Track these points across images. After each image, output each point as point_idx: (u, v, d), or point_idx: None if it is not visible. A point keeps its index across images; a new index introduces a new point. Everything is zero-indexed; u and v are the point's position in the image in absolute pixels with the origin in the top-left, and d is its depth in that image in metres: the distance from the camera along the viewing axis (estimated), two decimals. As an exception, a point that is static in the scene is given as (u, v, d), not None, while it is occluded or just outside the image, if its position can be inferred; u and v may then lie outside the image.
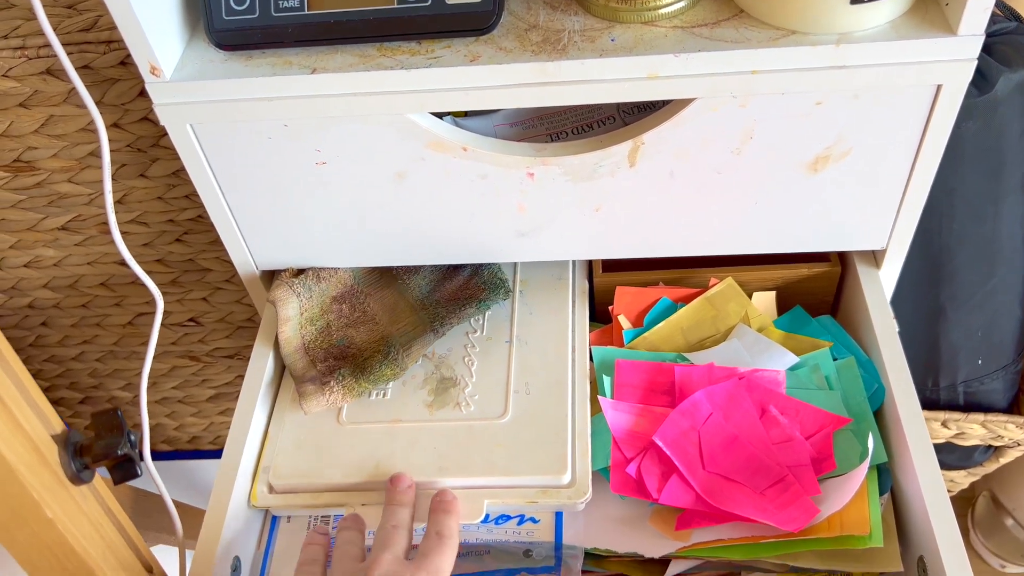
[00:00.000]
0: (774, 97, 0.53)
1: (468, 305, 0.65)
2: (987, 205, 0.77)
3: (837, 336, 0.64)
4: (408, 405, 0.62)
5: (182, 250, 0.84)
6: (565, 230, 0.63)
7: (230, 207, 0.62)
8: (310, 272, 0.66)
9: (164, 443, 1.14)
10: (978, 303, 0.84)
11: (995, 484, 1.17)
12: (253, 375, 0.64)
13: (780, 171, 0.58)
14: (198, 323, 0.93)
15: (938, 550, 0.50)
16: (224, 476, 0.59)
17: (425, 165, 0.58)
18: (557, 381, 0.62)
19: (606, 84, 0.52)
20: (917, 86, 0.52)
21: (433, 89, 0.53)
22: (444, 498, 0.55)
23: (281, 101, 0.54)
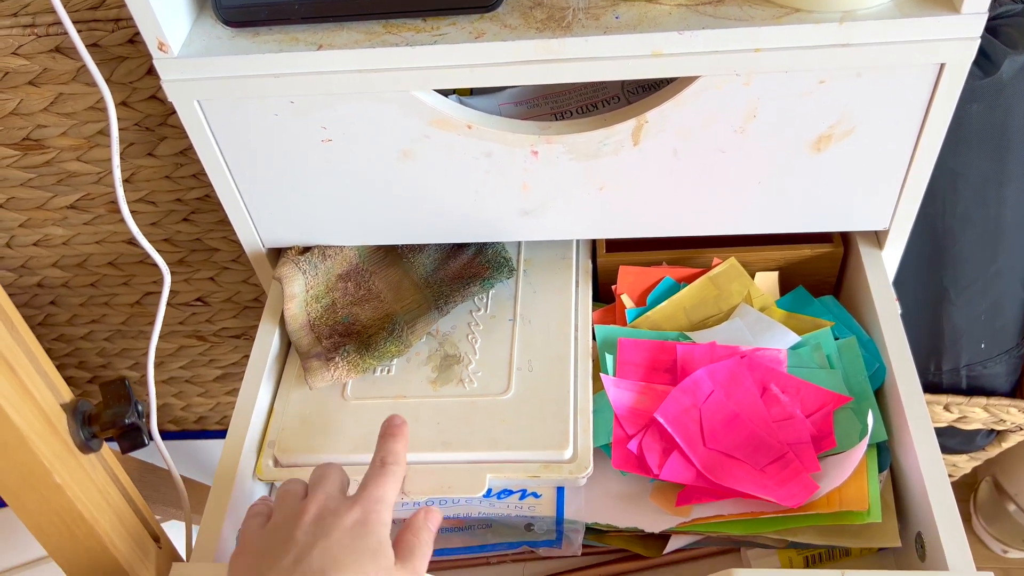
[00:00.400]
0: (777, 75, 0.53)
1: (472, 284, 0.66)
2: (991, 188, 0.77)
3: (839, 316, 0.64)
4: (412, 381, 0.63)
5: (189, 229, 0.84)
6: (569, 209, 0.63)
7: (237, 184, 0.63)
8: (316, 250, 0.67)
9: (171, 423, 1.15)
10: (981, 287, 0.84)
11: (997, 469, 1.17)
12: (259, 351, 0.65)
13: (783, 150, 0.58)
14: (205, 303, 0.94)
15: (936, 526, 0.51)
16: (230, 450, 0.60)
17: (430, 143, 0.59)
18: (560, 358, 0.63)
19: (610, 61, 0.52)
20: (920, 64, 0.52)
21: (438, 66, 0.53)
22: (392, 422, 0.53)
23: (287, 78, 0.55)
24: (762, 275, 0.67)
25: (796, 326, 0.63)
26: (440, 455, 0.58)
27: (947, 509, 0.51)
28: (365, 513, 0.47)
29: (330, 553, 0.44)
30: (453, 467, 0.58)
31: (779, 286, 0.68)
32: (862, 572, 0.48)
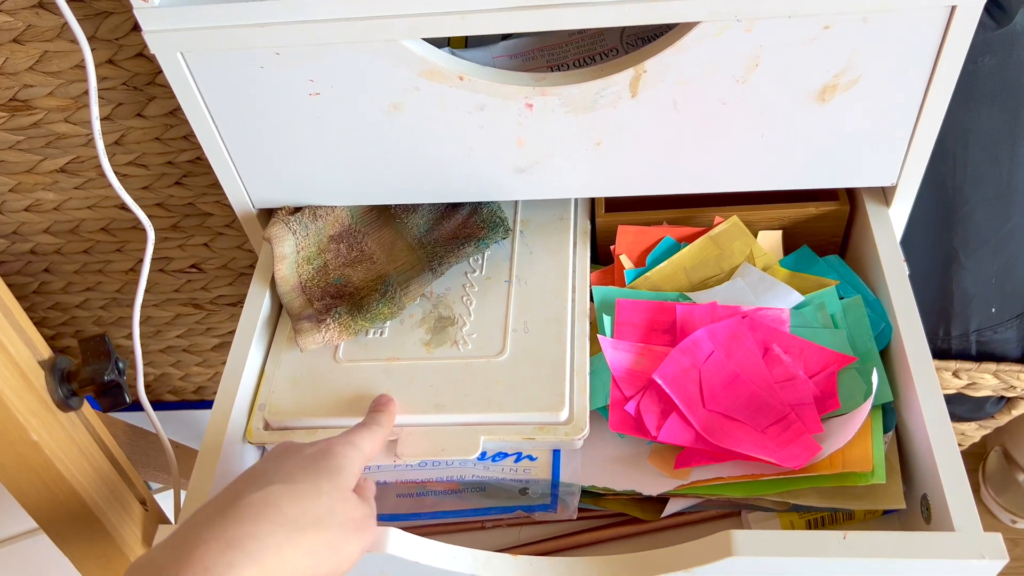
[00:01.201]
0: (780, 21, 0.51)
1: (467, 244, 0.64)
2: (1004, 146, 0.75)
3: (844, 275, 0.62)
4: (405, 343, 0.61)
5: (182, 193, 0.83)
6: (565, 166, 0.61)
7: (224, 142, 0.61)
8: (307, 210, 0.65)
9: (170, 393, 1.15)
10: (993, 249, 0.82)
11: (1007, 439, 1.15)
12: (249, 313, 0.64)
13: (787, 102, 0.56)
14: (200, 270, 0.93)
15: (942, 487, 0.49)
16: (219, 413, 0.59)
17: (420, 95, 0.57)
18: (556, 320, 0.61)
19: (607, 7, 0.50)
20: (930, 7, 0.50)
21: (427, 13, 0.52)
22: (380, 400, 0.56)
23: (273, 27, 0.53)
24: (765, 234, 0.65)
25: (800, 286, 0.61)
26: (433, 417, 0.57)
27: (954, 470, 0.49)
28: (330, 445, 0.46)
29: (284, 469, 0.42)
30: (447, 429, 0.57)
31: (784, 246, 0.66)
32: (864, 532, 0.46)
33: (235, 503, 0.39)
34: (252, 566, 0.37)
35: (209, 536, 0.37)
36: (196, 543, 0.37)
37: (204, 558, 0.36)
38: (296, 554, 0.39)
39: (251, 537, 0.38)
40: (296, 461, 0.44)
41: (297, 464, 0.43)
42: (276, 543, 0.38)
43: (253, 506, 0.39)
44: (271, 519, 0.39)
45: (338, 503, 0.43)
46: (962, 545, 0.46)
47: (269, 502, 0.39)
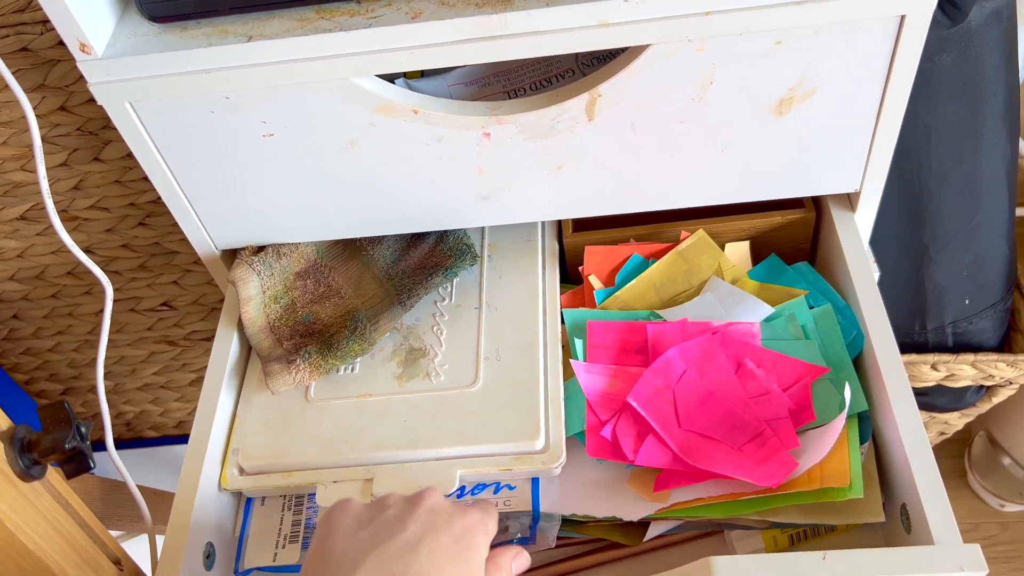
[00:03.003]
0: (732, 39, 0.51)
1: (435, 274, 0.63)
2: (966, 141, 0.75)
3: (814, 283, 0.62)
4: (377, 378, 0.61)
5: (147, 233, 0.82)
6: (528, 191, 0.61)
7: (181, 187, 0.61)
8: (270, 249, 0.65)
9: (151, 429, 1.14)
10: (962, 242, 0.82)
11: (991, 423, 1.16)
12: (217, 358, 0.63)
13: (744, 116, 0.55)
14: (171, 307, 0.92)
15: (919, 499, 0.49)
16: (192, 460, 0.58)
17: (376, 131, 0.56)
18: (528, 345, 0.61)
19: (555, 35, 0.50)
20: (879, 18, 0.50)
21: (375, 50, 0.51)
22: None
23: (220, 72, 0.52)
24: (732, 246, 0.65)
25: (769, 296, 0.61)
26: (408, 453, 0.56)
27: (930, 480, 0.49)
28: (472, 525, 0.45)
29: (437, 556, 0.43)
30: (422, 465, 0.56)
31: (752, 256, 0.66)
32: (843, 552, 0.46)
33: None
34: None
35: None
36: None
37: None
38: None
39: None
40: (446, 543, 0.44)
41: (448, 550, 0.43)
42: None
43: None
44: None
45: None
46: (941, 559, 0.46)
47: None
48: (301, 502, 0.60)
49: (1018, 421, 1.10)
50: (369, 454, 0.56)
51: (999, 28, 0.69)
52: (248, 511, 0.61)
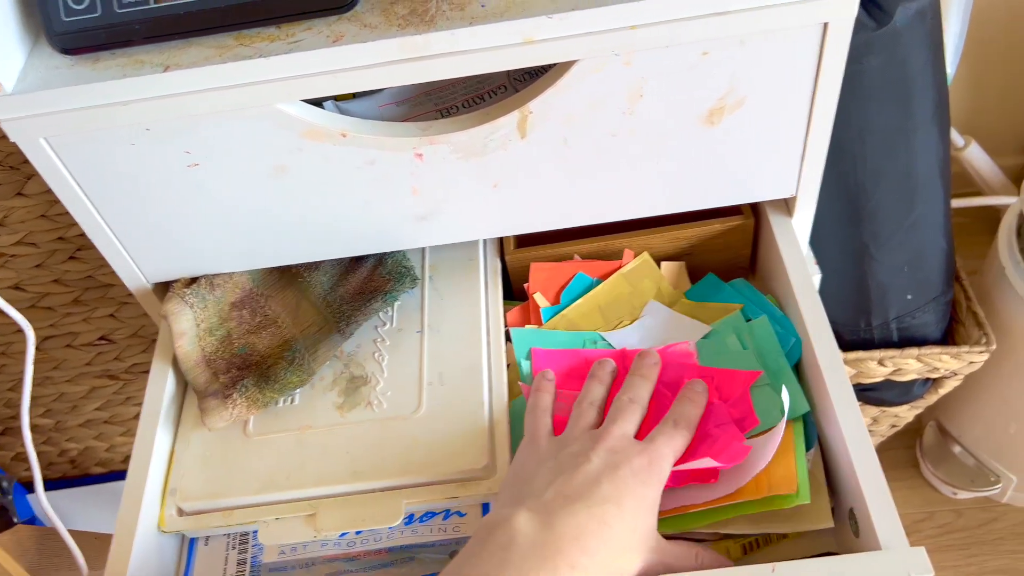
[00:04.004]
0: (658, 51, 0.50)
1: (374, 299, 0.62)
2: (899, 140, 0.76)
3: (750, 297, 0.62)
4: (317, 409, 0.59)
5: (78, 267, 0.79)
6: (465, 210, 0.60)
7: (106, 221, 0.59)
8: (203, 280, 0.63)
9: (98, 465, 1.10)
10: (901, 239, 0.83)
11: (940, 413, 1.17)
12: (153, 395, 0.61)
13: (676, 128, 0.55)
14: (110, 341, 0.89)
15: (866, 504, 0.49)
16: (129, 503, 0.56)
17: (304, 156, 0.55)
18: (472, 367, 0.60)
19: (479, 54, 0.49)
20: (803, 26, 0.50)
21: (298, 75, 0.50)
22: (693, 387, 0.55)
23: (137, 104, 0.51)
24: (667, 265, 0.65)
25: (707, 315, 0.61)
26: (352, 486, 0.55)
27: (876, 484, 0.49)
28: (651, 462, 0.49)
29: (616, 488, 0.47)
30: (367, 497, 0.55)
31: (693, 268, 0.66)
32: (792, 563, 0.46)
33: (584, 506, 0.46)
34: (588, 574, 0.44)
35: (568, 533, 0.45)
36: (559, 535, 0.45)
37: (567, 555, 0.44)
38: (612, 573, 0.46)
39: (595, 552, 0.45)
40: (625, 476, 0.48)
41: (627, 483, 0.48)
42: (604, 562, 0.45)
43: (595, 521, 0.46)
44: (606, 540, 0.46)
45: (648, 539, 0.48)
46: (888, 564, 0.46)
47: (606, 522, 0.46)
48: (246, 540, 0.59)
49: (966, 410, 1.12)
50: (311, 489, 0.55)
51: (924, 28, 0.70)
52: (192, 552, 0.59)
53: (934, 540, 1.16)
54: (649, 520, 0.48)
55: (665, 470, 0.50)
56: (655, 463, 0.49)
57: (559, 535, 0.45)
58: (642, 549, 0.47)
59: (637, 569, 0.47)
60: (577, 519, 0.46)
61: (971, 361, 0.91)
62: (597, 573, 0.45)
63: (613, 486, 0.47)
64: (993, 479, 1.13)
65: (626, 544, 0.47)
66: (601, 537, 0.46)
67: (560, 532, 0.45)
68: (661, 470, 0.50)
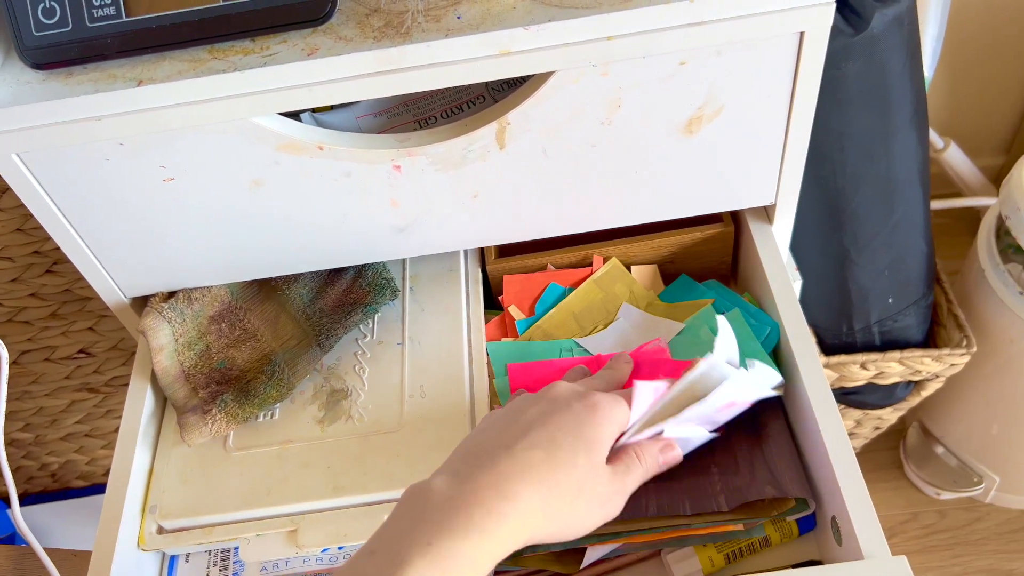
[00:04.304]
0: (635, 62, 0.50)
1: (354, 312, 0.62)
2: (878, 144, 0.76)
3: (722, 295, 0.62)
4: (298, 423, 0.59)
5: (56, 281, 0.79)
6: (444, 221, 0.60)
7: (81, 236, 0.58)
8: (180, 294, 0.62)
9: (79, 479, 1.09)
10: (881, 242, 0.83)
11: (923, 414, 1.18)
12: (132, 411, 0.60)
13: (655, 137, 0.55)
14: (89, 354, 0.88)
15: (847, 512, 0.49)
16: (108, 521, 0.56)
17: (281, 169, 0.54)
18: (453, 379, 0.59)
19: (456, 66, 0.49)
20: (779, 35, 0.50)
21: (272, 89, 0.49)
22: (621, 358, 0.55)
23: (111, 119, 0.50)
24: (639, 269, 0.65)
25: (680, 314, 0.61)
26: (333, 501, 0.55)
27: (857, 493, 0.49)
28: (594, 405, 0.47)
29: (548, 433, 0.45)
30: (349, 512, 0.55)
31: (676, 273, 0.66)
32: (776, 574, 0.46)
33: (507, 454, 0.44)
34: (516, 519, 0.42)
35: (484, 482, 0.43)
36: (475, 486, 0.43)
37: (484, 502, 0.42)
38: (544, 517, 0.44)
39: (517, 497, 0.43)
40: (562, 420, 0.46)
41: (561, 426, 0.46)
42: (532, 507, 0.43)
43: (519, 465, 0.44)
44: (533, 482, 0.43)
45: (590, 478, 0.46)
46: (871, 574, 0.46)
47: (532, 464, 0.44)
48: (228, 556, 0.58)
49: (948, 412, 1.12)
50: (292, 504, 0.55)
51: (901, 33, 0.70)
52: (172, 570, 0.58)
53: (919, 541, 1.16)
54: (591, 459, 0.46)
55: (613, 411, 0.48)
56: (600, 405, 0.47)
57: (476, 486, 0.43)
58: (589, 491, 0.45)
59: (586, 510, 0.46)
60: (497, 467, 0.44)
61: (952, 363, 0.92)
62: (526, 516, 0.43)
63: (544, 430, 0.45)
64: (976, 479, 1.14)
65: (562, 486, 0.44)
66: (526, 480, 0.43)
67: (477, 482, 0.43)
68: (608, 410, 0.47)
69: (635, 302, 0.62)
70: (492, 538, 0.42)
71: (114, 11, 0.49)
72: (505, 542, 0.42)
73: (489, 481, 0.43)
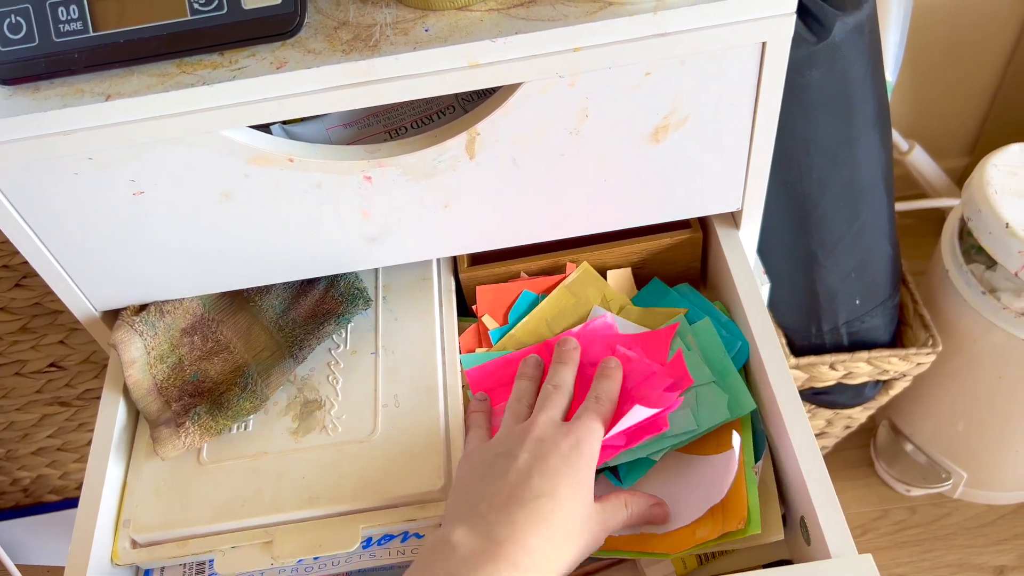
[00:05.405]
0: (601, 72, 0.51)
1: (327, 322, 0.62)
2: (842, 149, 0.78)
3: (695, 302, 0.63)
4: (272, 435, 0.59)
5: (25, 295, 0.78)
6: (416, 230, 0.60)
7: (50, 251, 0.58)
8: (152, 307, 0.62)
9: (51, 493, 1.08)
10: (848, 245, 0.84)
11: (892, 413, 1.20)
12: (104, 425, 0.60)
13: (622, 146, 0.56)
14: (60, 367, 0.88)
15: (815, 512, 0.50)
16: (81, 536, 0.55)
17: (251, 181, 0.55)
18: (427, 388, 0.60)
19: (424, 78, 0.49)
20: (742, 46, 0.51)
21: (242, 102, 0.49)
22: (608, 364, 0.57)
23: (79, 134, 0.50)
24: (614, 273, 0.65)
25: (652, 320, 0.62)
26: (308, 512, 0.55)
27: (825, 494, 0.50)
28: (579, 441, 0.51)
29: (548, 480, 0.49)
30: (323, 522, 0.55)
31: (645, 276, 0.67)
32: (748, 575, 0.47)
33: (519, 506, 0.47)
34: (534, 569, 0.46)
35: (504, 536, 0.46)
36: (497, 540, 0.46)
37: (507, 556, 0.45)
38: (554, 562, 0.47)
39: (536, 549, 0.46)
40: (555, 464, 0.50)
41: (557, 470, 0.49)
42: (547, 555, 0.47)
43: (533, 518, 0.47)
44: (545, 534, 0.47)
45: (586, 519, 0.49)
46: (838, 573, 0.47)
47: (543, 516, 0.47)
48: (202, 570, 0.58)
49: (916, 410, 1.14)
50: (267, 516, 0.55)
51: (862, 41, 0.71)
52: (146, 584, 0.58)
53: (890, 537, 1.18)
54: (586, 499, 0.50)
55: (594, 445, 0.51)
56: (582, 441, 0.51)
57: (497, 540, 0.46)
58: (583, 530, 0.49)
59: (581, 549, 0.49)
60: (513, 520, 0.47)
61: (919, 362, 0.94)
62: (541, 566, 0.46)
63: (544, 478, 0.49)
64: (944, 476, 1.16)
65: (566, 531, 0.48)
66: (540, 533, 0.47)
67: (498, 537, 0.46)
68: (590, 446, 0.51)
69: (607, 306, 0.63)
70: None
71: (81, 26, 0.49)
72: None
73: (509, 535, 0.46)
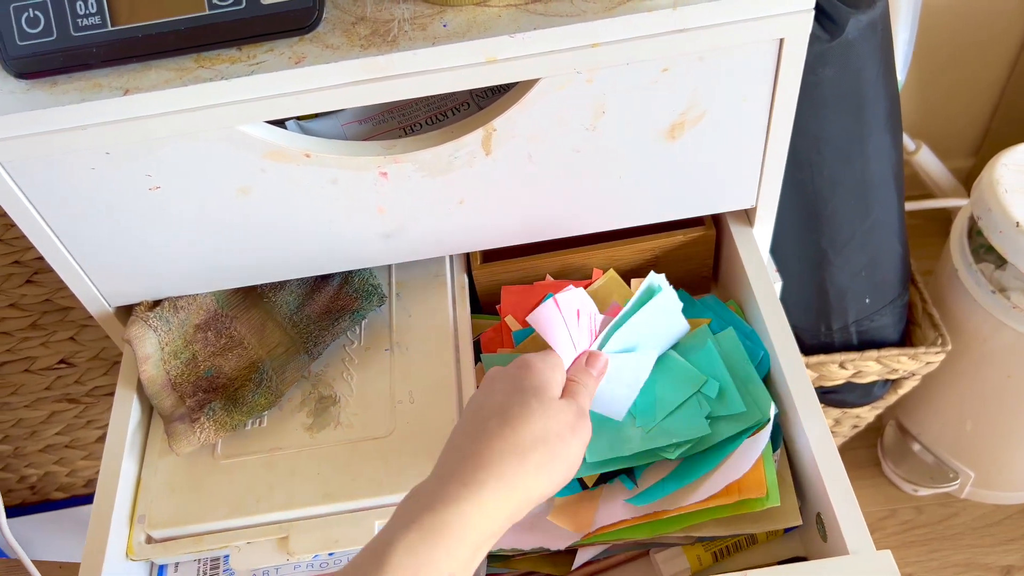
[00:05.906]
0: (619, 68, 0.51)
1: (341, 319, 0.62)
2: (854, 147, 0.78)
3: (720, 313, 0.63)
4: (286, 431, 0.59)
5: (36, 291, 0.78)
6: (431, 227, 0.60)
7: (66, 246, 0.58)
8: (166, 303, 0.62)
9: (58, 491, 1.08)
10: (858, 244, 0.84)
11: (900, 412, 1.20)
12: (118, 419, 0.60)
13: (638, 143, 0.56)
14: (70, 364, 0.88)
15: (832, 509, 0.50)
16: (96, 532, 0.55)
17: (267, 176, 0.55)
18: (442, 384, 0.60)
19: (442, 73, 0.49)
20: (759, 42, 0.51)
21: (259, 97, 0.49)
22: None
23: (96, 128, 0.50)
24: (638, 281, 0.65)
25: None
26: (323, 507, 0.55)
27: (842, 491, 0.50)
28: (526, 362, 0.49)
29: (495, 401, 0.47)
30: (338, 518, 0.55)
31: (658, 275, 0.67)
32: (762, 570, 0.47)
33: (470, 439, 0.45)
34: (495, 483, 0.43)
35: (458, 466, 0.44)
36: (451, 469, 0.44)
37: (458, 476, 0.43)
38: (527, 474, 0.44)
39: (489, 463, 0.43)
40: (504, 387, 0.48)
41: (505, 390, 0.47)
42: (510, 468, 0.43)
43: (484, 439, 0.44)
44: (498, 446, 0.44)
45: (550, 416, 0.46)
46: (856, 568, 0.47)
47: (491, 432, 0.45)
48: (217, 565, 0.58)
49: (924, 409, 1.14)
50: (282, 511, 0.55)
51: (875, 39, 0.71)
52: (161, 579, 0.58)
53: (897, 537, 1.18)
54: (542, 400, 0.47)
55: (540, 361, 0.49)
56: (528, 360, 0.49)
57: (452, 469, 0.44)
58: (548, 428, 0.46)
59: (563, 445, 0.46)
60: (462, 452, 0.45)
61: (928, 361, 0.93)
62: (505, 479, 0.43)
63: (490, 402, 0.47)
64: (952, 475, 1.15)
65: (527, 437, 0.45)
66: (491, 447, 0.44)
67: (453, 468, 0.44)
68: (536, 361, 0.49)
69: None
70: (474, 505, 0.42)
71: (99, 20, 0.49)
72: (488, 509, 0.42)
73: (462, 462, 0.44)
